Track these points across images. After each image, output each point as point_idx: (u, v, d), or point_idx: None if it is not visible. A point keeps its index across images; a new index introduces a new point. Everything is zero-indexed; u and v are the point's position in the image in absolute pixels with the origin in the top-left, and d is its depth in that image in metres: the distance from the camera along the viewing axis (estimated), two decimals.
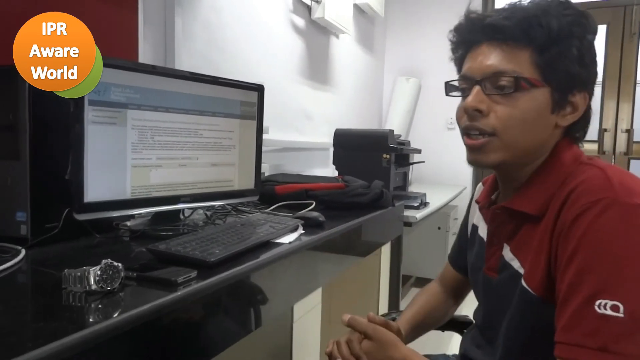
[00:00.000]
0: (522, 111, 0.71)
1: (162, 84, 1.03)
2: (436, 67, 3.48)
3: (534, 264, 0.70)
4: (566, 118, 0.73)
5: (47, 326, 0.56)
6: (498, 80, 0.71)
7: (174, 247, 0.83)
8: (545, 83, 0.70)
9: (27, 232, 0.89)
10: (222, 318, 0.83)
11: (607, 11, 3.25)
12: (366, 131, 2.34)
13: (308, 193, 1.49)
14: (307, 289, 1.16)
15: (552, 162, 0.74)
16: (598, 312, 0.58)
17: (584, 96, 0.73)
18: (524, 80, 0.70)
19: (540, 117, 0.71)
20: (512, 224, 0.76)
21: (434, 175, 3.42)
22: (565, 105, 0.72)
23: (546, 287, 0.67)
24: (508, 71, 0.70)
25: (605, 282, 0.59)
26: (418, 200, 2.09)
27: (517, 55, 0.71)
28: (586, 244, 0.61)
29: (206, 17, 1.72)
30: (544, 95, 0.71)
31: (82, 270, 0.65)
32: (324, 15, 2.41)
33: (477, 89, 0.73)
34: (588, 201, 0.63)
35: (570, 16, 0.70)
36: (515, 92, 0.70)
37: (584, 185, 0.65)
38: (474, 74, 0.74)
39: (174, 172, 1.08)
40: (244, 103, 1.24)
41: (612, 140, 3.33)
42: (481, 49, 0.74)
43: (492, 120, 0.72)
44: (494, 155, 0.73)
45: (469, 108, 0.73)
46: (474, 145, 0.74)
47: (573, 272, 0.62)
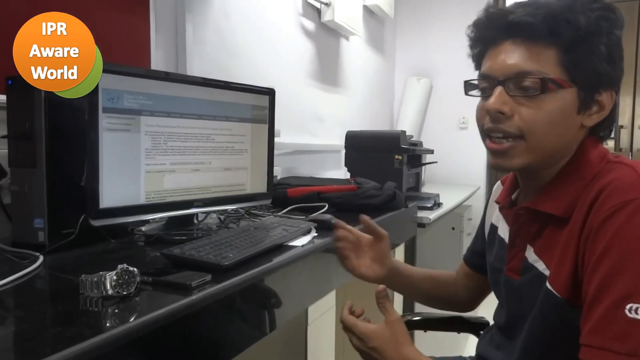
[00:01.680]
0: (548, 113, 0.68)
1: (174, 90, 1.04)
2: (447, 67, 3.46)
3: (559, 265, 0.68)
4: (592, 118, 0.70)
5: (65, 331, 0.57)
6: (522, 81, 0.68)
7: (188, 251, 0.84)
8: (572, 83, 0.68)
9: (44, 238, 0.90)
10: (237, 321, 0.83)
11: (621, 5, 3.18)
12: (378, 132, 2.33)
13: (320, 196, 1.49)
14: (321, 292, 1.16)
15: (578, 162, 0.71)
16: (628, 317, 0.56)
17: (610, 94, 0.70)
18: (551, 82, 0.67)
19: (566, 118, 0.69)
20: (535, 225, 0.74)
21: (447, 176, 3.39)
22: (592, 105, 0.70)
23: (571, 289, 0.66)
24: (533, 72, 0.67)
25: (636, 285, 0.57)
26: (431, 201, 2.07)
27: (542, 54, 0.68)
28: (617, 246, 0.59)
29: (216, 23, 1.74)
30: (571, 95, 0.68)
31: (99, 276, 0.66)
32: (333, 17, 2.42)
33: (499, 89, 0.70)
34: (619, 202, 0.60)
35: (598, 11, 0.67)
36: (541, 94, 0.67)
37: (614, 184, 0.63)
38: (495, 74, 0.71)
39: (187, 177, 1.09)
40: (256, 107, 1.25)
41: (629, 137, 3.28)
42: (503, 46, 0.70)
43: (517, 122, 0.69)
44: (518, 159, 0.71)
45: (492, 110, 0.70)
46: (498, 150, 0.72)
47: (602, 274, 0.60)
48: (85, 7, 1.26)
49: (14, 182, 0.93)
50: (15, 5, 1.10)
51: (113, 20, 1.32)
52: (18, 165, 0.93)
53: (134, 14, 1.40)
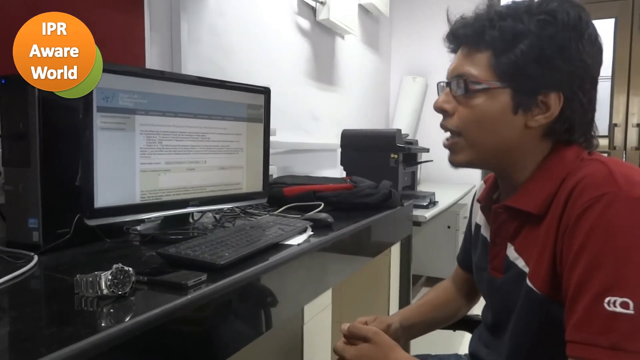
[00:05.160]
0: (479, 112, 0.73)
1: (169, 89, 1.04)
2: (442, 66, 3.39)
3: (538, 262, 0.69)
4: (536, 119, 0.72)
5: (60, 331, 0.57)
6: (459, 82, 0.75)
7: (184, 250, 0.84)
8: (503, 85, 0.71)
9: (39, 238, 0.90)
10: (233, 320, 0.83)
11: (614, 4, 3.22)
12: (373, 131, 2.34)
13: (316, 194, 1.49)
14: (317, 290, 1.16)
15: (552, 160, 0.73)
16: (608, 310, 0.58)
17: (557, 96, 0.70)
18: (473, 83, 0.73)
19: (499, 117, 0.72)
20: (514, 223, 0.76)
21: (443, 174, 3.39)
22: (533, 106, 0.71)
23: (551, 285, 0.67)
24: (464, 74, 0.74)
25: (614, 278, 0.58)
26: (427, 199, 2.08)
27: (476, 59, 0.73)
28: (592, 242, 0.61)
29: (212, 21, 1.73)
30: (504, 96, 0.71)
31: (94, 276, 0.66)
32: (329, 16, 2.41)
33: (446, 89, 0.78)
34: (592, 196, 0.62)
35: (537, 15, 0.69)
36: (471, 94, 0.73)
37: (587, 180, 0.64)
38: (447, 76, 0.79)
39: (182, 176, 1.08)
40: (251, 106, 1.25)
41: (623, 135, 3.29)
42: (458, 52, 0.78)
43: (455, 120, 0.76)
44: (462, 155, 0.77)
45: (436, 108, 0.79)
46: (446, 146, 0.80)
47: (581, 269, 0.61)
48: (80, 6, 1.25)
49: (8, 181, 0.93)
50: (13, 5, 1.10)
51: (108, 18, 1.31)
52: (12, 165, 0.92)
53: (128, 13, 1.40)
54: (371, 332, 0.81)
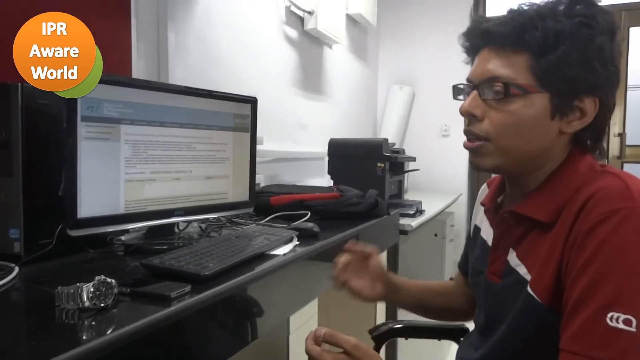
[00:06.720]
0: (516, 117, 0.70)
1: (155, 98, 1.03)
2: (429, 75, 3.51)
3: (542, 271, 0.69)
4: (572, 124, 0.71)
5: (40, 345, 0.56)
6: (492, 85, 0.71)
7: (168, 261, 0.83)
8: (542, 89, 0.69)
9: (20, 249, 0.89)
10: (218, 332, 0.83)
11: None
12: (360, 140, 2.35)
13: (303, 203, 1.49)
14: (303, 300, 1.15)
15: (566, 170, 0.72)
16: (610, 325, 0.57)
17: (593, 101, 0.70)
18: (515, 86, 0.69)
19: (537, 123, 0.70)
20: (520, 230, 0.75)
21: (429, 183, 3.42)
22: (569, 111, 0.70)
23: (553, 295, 0.67)
24: (502, 77, 0.70)
25: (619, 294, 0.58)
26: (414, 208, 2.09)
27: (513, 61, 0.70)
28: (602, 255, 0.60)
29: (199, 31, 1.73)
30: (542, 100, 0.69)
31: (75, 287, 0.65)
32: (316, 26, 2.43)
33: (474, 93, 0.74)
34: (606, 210, 0.61)
35: (576, 17, 0.67)
36: (508, 98, 0.70)
37: (602, 193, 0.63)
38: (473, 79, 0.75)
39: (167, 185, 1.08)
40: (238, 115, 1.25)
41: (605, 145, 3.36)
42: (482, 54, 0.74)
43: (486, 125, 0.73)
44: (490, 159, 0.74)
45: (464, 113, 0.74)
46: (469, 148, 0.76)
47: (586, 281, 0.61)
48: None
49: None
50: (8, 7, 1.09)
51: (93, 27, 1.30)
52: None
53: (114, 22, 1.39)
54: (350, 345, 0.74)
